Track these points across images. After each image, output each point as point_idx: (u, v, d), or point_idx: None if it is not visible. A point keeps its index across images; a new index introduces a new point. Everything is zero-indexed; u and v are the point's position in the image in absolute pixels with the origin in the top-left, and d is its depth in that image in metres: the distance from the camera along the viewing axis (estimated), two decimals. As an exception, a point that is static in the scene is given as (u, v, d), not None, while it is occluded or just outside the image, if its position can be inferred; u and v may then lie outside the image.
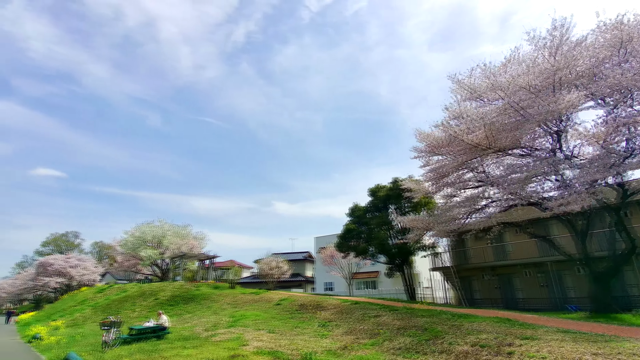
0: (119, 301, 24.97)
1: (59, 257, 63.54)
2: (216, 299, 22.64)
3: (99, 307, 24.63)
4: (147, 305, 23.26)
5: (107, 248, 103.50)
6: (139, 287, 28.67)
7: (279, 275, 36.48)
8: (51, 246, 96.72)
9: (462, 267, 24.92)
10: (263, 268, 36.12)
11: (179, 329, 14.98)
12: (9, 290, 71.35)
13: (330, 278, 34.73)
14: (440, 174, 18.16)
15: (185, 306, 22.31)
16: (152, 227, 43.01)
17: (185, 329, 14.95)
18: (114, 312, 22.75)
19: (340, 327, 11.62)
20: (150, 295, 24.94)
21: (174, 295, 24.52)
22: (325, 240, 36.79)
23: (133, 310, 22.44)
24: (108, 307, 24.00)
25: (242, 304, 20.50)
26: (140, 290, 26.56)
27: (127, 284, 34.66)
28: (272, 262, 36.50)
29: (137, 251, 42.15)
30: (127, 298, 25.33)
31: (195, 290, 25.22)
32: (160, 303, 23.33)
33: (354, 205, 26.56)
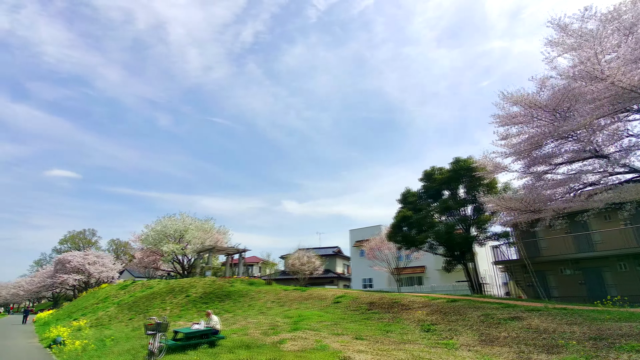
0: (145, 298, 22.42)
1: (77, 254, 61.99)
2: (256, 297, 19.86)
3: (124, 305, 22.12)
4: (178, 303, 20.62)
5: (124, 245, 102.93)
6: (165, 283, 26.13)
7: (310, 271, 33.65)
8: (69, 244, 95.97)
9: (533, 260, 21.59)
10: (293, 263, 33.33)
11: (229, 331, 12.16)
12: (27, 289, 70.36)
13: (370, 274, 31.68)
14: (532, 145, 15.00)
15: (221, 304, 19.59)
16: (173, 220, 40.68)
17: (236, 331, 12.13)
18: (142, 310, 20.18)
19: (461, 333, 8.58)
20: (180, 292, 22.31)
21: (206, 292, 21.84)
22: (362, 234, 33.79)
23: (163, 309, 19.81)
24: (134, 305, 21.45)
25: (289, 302, 17.65)
26: (168, 287, 23.98)
27: (150, 280, 32.25)
28: (303, 256, 33.68)
29: (158, 246, 39.85)
30: (155, 295, 22.77)
31: (230, 286, 22.51)
32: (192, 301, 20.68)
33: (406, 190, 23.44)
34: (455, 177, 21.45)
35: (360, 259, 32.81)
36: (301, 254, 33.76)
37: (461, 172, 20.76)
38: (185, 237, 40.04)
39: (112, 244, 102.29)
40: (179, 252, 39.02)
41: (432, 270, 28.43)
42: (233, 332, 11.92)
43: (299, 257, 33.52)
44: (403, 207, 22.50)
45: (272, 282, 24.63)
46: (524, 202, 13.71)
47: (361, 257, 32.73)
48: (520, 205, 13.78)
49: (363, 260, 32.43)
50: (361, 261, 32.62)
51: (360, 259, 32.75)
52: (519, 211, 14.44)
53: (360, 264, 32.47)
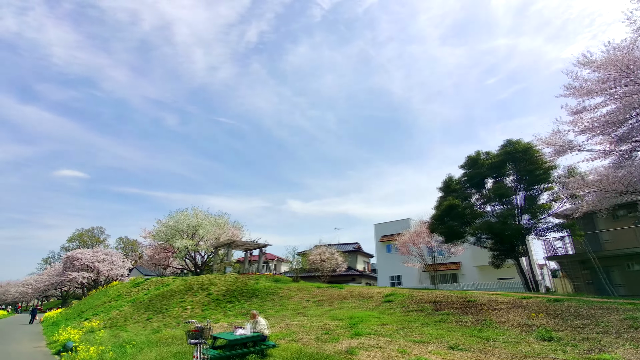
0: (162, 297, 20.43)
1: (86, 252, 60.51)
2: (286, 295, 17.75)
3: (139, 304, 20.15)
4: (200, 301, 18.60)
5: (132, 243, 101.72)
6: (182, 280, 24.14)
7: (333, 268, 31.52)
8: (77, 241, 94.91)
9: (595, 254, 19.24)
10: (314, 260, 31.19)
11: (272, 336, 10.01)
12: (35, 287, 69.12)
13: (398, 270, 29.44)
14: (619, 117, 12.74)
15: (247, 303, 17.51)
16: (186, 215, 38.76)
17: (281, 336, 10.01)
18: (160, 310, 18.18)
19: (610, 344, 6.35)
20: (200, 290, 20.29)
21: (229, 289, 19.80)
22: (388, 228, 31.54)
23: (184, 308, 17.79)
24: (151, 304, 19.47)
25: (327, 301, 15.51)
26: (186, 284, 21.98)
27: (164, 277, 30.33)
28: (324, 252, 31.53)
29: (170, 241, 37.96)
30: (172, 293, 20.78)
31: (254, 283, 20.45)
32: (215, 299, 18.64)
33: (448, 177, 21.16)
34: (504, 161, 19.14)
35: (387, 255, 30.60)
36: (322, 250, 31.59)
37: (516, 154, 18.44)
38: (198, 232, 38.14)
39: (121, 242, 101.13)
40: (192, 248, 37.09)
41: (469, 266, 26.17)
42: (278, 337, 9.79)
43: (320, 253, 31.37)
44: (446, 196, 20.22)
45: (300, 279, 22.51)
46: (623, 182, 11.39)
47: (388, 253, 30.52)
48: (620, 186, 11.46)
49: (391, 256, 30.23)
50: (388, 257, 30.40)
51: (388, 255, 30.54)
52: (614, 193, 12.11)
53: (388, 260, 30.27)
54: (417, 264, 25.18)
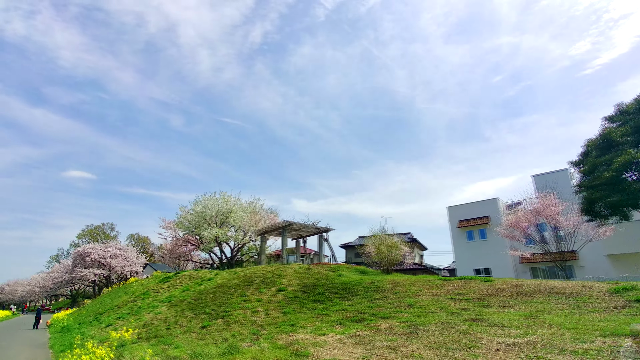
0: (213, 294, 14.92)
1: (98, 247, 55.40)
2: (404, 292, 12.05)
3: (181, 304, 14.66)
4: (271, 300, 13.02)
5: (144, 240, 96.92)
6: (231, 273, 18.63)
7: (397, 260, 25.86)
8: (87, 238, 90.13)
9: None
10: (379, 249, 25.52)
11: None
12: (43, 285, 64.21)
13: (486, 261, 23.56)
14: None
15: (346, 302, 11.90)
16: (215, 200, 33.29)
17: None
18: (216, 312, 12.64)
19: None
20: (264, 284, 14.73)
21: (305, 283, 14.21)
22: (469, 211, 25.69)
23: (252, 310, 12.23)
24: (200, 305, 13.95)
25: (499, 302, 9.79)
26: (241, 277, 16.45)
27: (199, 271, 24.87)
28: (387, 240, 25.88)
29: (198, 231, 32.54)
30: (224, 289, 15.26)
31: (338, 276, 14.87)
32: (292, 297, 13.05)
33: (604, 130, 15.34)
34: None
35: (468, 243, 24.80)
36: (384, 240, 25.86)
37: None
38: (229, 220, 32.68)
39: (132, 238, 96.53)
40: (223, 238, 31.62)
41: (592, 256, 20.29)
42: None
43: (384, 241, 25.66)
44: (601, 154, 14.38)
45: (392, 270, 16.91)
46: None
47: (470, 242, 24.72)
48: None
49: (474, 245, 24.45)
50: (471, 246, 24.60)
51: (469, 243, 24.73)
52: None
53: (470, 249, 24.46)
54: (526, 252, 19.39)
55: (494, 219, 23.74)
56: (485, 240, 23.85)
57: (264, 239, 24.19)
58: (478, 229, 24.30)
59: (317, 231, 21.54)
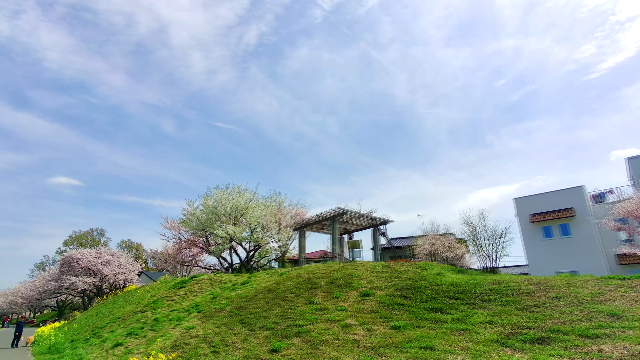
0: (264, 301, 10.86)
1: (88, 252, 50.31)
2: (565, 295, 8.23)
3: (219, 315, 10.58)
4: (360, 308, 9.04)
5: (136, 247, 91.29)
6: (273, 273, 14.56)
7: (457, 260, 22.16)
8: (75, 245, 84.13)
9: None
10: (432, 250, 21.76)
11: None
12: (27, 295, 58.24)
13: (571, 263, 19.53)
14: None
15: (487, 313, 8.02)
16: (229, 194, 29.10)
17: None
18: (282, 326, 8.60)
19: None
20: (338, 287, 10.74)
21: (399, 286, 10.27)
22: (544, 203, 21.88)
23: (342, 325, 8.23)
24: (252, 316, 9.89)
25: None
26: (295, 279, 12.40)
27: (222, 274, 20.64)
28: (442, 238, 22.13)
29: (210, 229, 28.25)
30: (278, 294, 11.22)
31: (436, 275, 10.97)
32: (389, 304, 9.09)
33: None
34: None
35: (545, 241, 20.92)
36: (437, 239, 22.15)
37: None
38: (245, 217, 28.52)
39: (124, 245, 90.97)
40: (240, 238, 27.37)
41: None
42: None
43: (437, 239, 21.94)
44: None
45: (495, 269, 13.09)
46: None
47: (547, 239, 20.84)
48: None
49: (554, 243, 20.63)
50: (549, 244, 20.70)
51: (547, 241, 20.83)
52: None
53: (548, 248, 20.55)
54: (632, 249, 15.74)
55: (579, 211, 20.11)
56: (569, 237, 20.14)
57: (303, 234, 20.16)
58: (558, 223, 20.59)
59: (372, 223, 17.64)
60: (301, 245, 19.91)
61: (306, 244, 20.44)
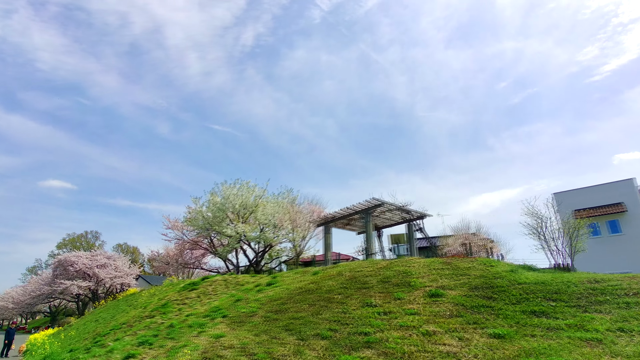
0: (307, 304, 9.10)
1: (83, 255, 47.99)
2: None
3: (253, 321, 8.80)
4: (436, 312, 7.32)
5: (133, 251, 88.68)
6: (304, 273, 12.78)
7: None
8: (68, 248, 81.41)
9: None
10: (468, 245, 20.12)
11: None
12: (18, 300, 55.55)
13: (618, 262, 17.77)
14: None
15: (611, 319, 6.33)
16: (237, 189, 27.24)
17: None
18: (349, 337, 6.83)
19: None
20: (397, 287, 9.01)
21: (473, 285, 8.56)
22: (584, 197, 20.27)
23: (423, 333, 6.49)
24: (297, 322, 8.12)
25: None
26: (336, 278, 10.64)
27: (240, 275, 18.82)
28: (472, 237, 20.52)
29: (217, 228, 26.33)
30: (321, 295, 9.46)
31: (510, 272, 9.28)
32: (473, 307, 7.38)
33: None
34: None
35: (590, 239, 19.26)
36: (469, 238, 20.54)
37: None
38: (255, 215, 26.69)
39: (119, 249, 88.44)
40: (252, 237, 25.51)
41: None
42: None
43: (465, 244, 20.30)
44: None
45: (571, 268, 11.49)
46: None
47: (595, 237, 19.02)
48: None
49: (601, 241, 18.95)
50: (596, 243, 18.96)
51: (593, 239, 19.11)
52: None
53: (594, 247, 18.78)
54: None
55: (631, 206, 18.55)
56: (620, 234, 18.58)
57: (328, 230, 18.41)
58: (606, 220, 19.05)
59: (407, 218, 15.93)
60: (327, 243, 18.15)
61: (332, 241, 18.61)
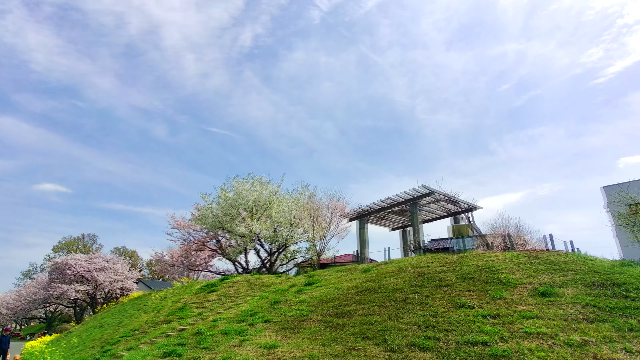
0: (377, 305, 7.39)
1: (81, 258, 45.93)
2: None
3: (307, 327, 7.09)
4: (566, 316, 5.65)
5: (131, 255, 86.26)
6: (355, 271, 11.10)
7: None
8: (64, 251, 78.96)
9: None
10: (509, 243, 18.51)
11: None
12: (12, 305, 53.10)
13: None
14: None
15: None
16: (250, 184, 25.50)
17: None
18: (460, 348, 5.14)
19: None
20: (479, 282, 7.35)
21: (590, 281, 6.90)
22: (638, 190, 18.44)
23: (567, 343, 4.83)
24: (370, 327, 6.42)
25: None
26: (399, 275, 8.97)
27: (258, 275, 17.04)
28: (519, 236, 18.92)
29: (229, 226, 24.54)
30: (390, 294, 7.76)
31: (622, 267, 7.64)
32: (601, 306, 5.73)
33: None
34: None
35: None
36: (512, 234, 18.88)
37: None
38: (269, 212, 24.94)
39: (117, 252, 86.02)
40: (268, 236, 23.75)
41: None
42: None
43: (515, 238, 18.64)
44: None
45: None
46: None
47: None
48: None
49: None
50: None
51: None
52: None
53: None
54: None
55: None
56: None
57: (363, 225, 16.71)
58: None
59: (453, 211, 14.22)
60: (362, 239, 16.45)
61: (368, 237, 16.83)
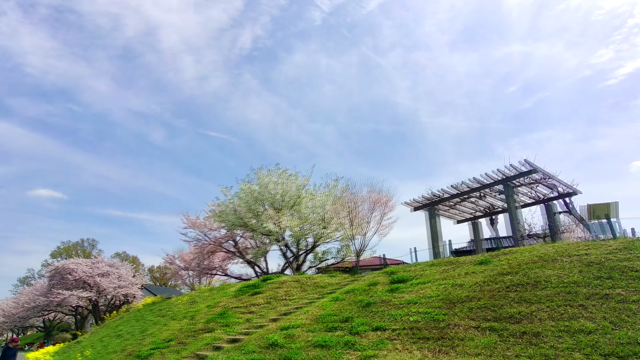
0: (549, 305, 5.05)
1: (83, 262, 43.14)
2: None
3: (447, 335, 4.70)
4: None
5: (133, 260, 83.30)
6: (482, 261, 8.79)
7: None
8: (63, 256, 76.01)
9: None
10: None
11: None
12: (9, 313, 50.07)
13: None
14: None
15: None
16: (278, 176, 23.07)
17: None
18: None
19: None
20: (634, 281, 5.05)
21: None
22: None
23: None
24: (582, 338, 4.07)
25: None
26: (554, 261, 6.65)
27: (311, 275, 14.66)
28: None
29: (257, 222, 22.08)
30: (533, 295, 5.43)
31: None
32: None
33: None
34: None
35: None
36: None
37: None
38: (298, 207, 22.53)
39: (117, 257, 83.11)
40: (298, 233, 21.32)
41: None
42: None
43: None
44: None
45: None
46: None
47: None
48: None
49: None
50: None
51: None
52: None
53: None
54: None
55: None
56: None
57: (433, 215, 14.34)
58: None
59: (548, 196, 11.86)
60: (434, 231, 14.09)
61: (440, 229, 14.34)
